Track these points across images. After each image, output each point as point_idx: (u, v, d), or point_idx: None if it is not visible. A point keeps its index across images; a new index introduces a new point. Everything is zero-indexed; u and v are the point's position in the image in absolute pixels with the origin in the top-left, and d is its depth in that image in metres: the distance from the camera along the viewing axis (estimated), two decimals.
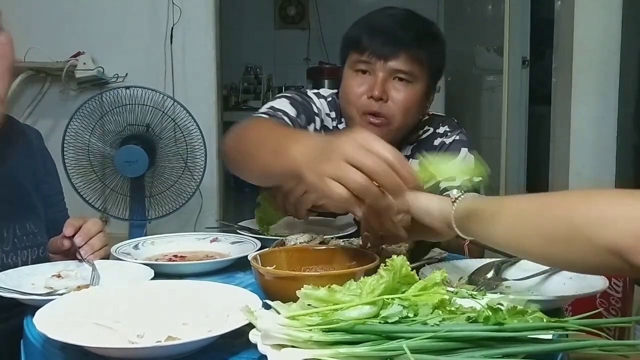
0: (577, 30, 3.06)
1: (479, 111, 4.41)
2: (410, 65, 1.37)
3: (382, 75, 1.37)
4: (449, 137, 1.51)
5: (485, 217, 0.82)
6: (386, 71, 1.37)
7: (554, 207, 0.75)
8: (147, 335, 0.77)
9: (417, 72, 1.38)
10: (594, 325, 0.70)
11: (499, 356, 0.65)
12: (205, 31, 3.37)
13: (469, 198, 0.88)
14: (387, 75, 1.37)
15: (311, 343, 0.66)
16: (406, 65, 1.37)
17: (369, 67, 1.38)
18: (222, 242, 1.24)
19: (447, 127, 1.53)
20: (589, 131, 3.08)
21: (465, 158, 1.50)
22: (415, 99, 1.40)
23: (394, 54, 1.36)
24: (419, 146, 1.52)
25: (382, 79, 1.36)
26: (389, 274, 0.71)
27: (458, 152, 1.50)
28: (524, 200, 0.82)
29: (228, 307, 0.80)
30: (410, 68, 1.37)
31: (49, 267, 1.06)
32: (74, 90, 3.33)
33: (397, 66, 1.37)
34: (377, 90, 1.35)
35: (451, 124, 1.55)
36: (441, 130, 1.52)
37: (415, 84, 1.39)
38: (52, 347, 0.78)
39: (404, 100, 1.38)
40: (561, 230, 0.71)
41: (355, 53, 1.39)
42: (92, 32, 3.30)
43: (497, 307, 0.68)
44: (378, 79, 1.36)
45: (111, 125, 2.91)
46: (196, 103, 3.19)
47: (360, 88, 1.38)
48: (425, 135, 1.53)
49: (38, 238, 1.19)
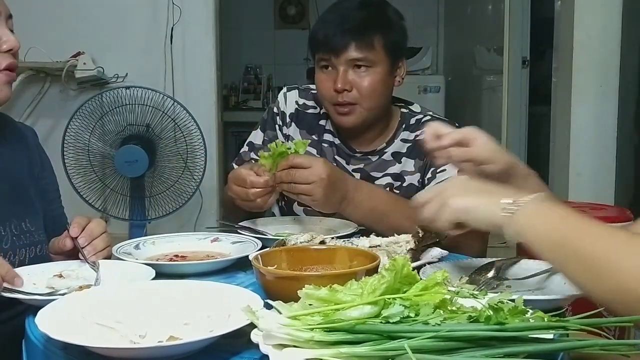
0: (577, 30, 3.06)
1: (479, 111, 4.41)
2: (363, 52, 1.45)
3: (341, 68, 1.46)
4: None
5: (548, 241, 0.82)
6: (343, 63, 1.46)
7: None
8: (149, 335, 0.77)
9: (372, 57, 1.46)
10: (595, 325, 0.70)
11: (500, 356, 0.65)
12: (205, 31, 3.37)
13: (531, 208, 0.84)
14: (346, 67, 1.46)
15: (313, 343, 0.66)
16: (359, 54, 1.45)
17: (329, 62, 1.48)
18: (222, 242, 1.24)
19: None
20: (589, 131, 3.08)
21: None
22: (379, 81, 1.47)
23: (344, 46, 1.45)
24: (416, 146, 1.53)
25: (342, 71, 1.46)
26: (390, 274, 0.71)
27: None
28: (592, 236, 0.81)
29: (229, 307, 0.80)
30: (364, 55, 1.46)
31: (50, 267, 1.06)
32: (73, 90, 3.33)
33: (351, 56, 1.45)
34: (339, 83, 1.45)
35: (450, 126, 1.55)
36: None
37: (375, 67, 1.47)
38: (53, 347, 0.78)
39: (367, 86, 1.46)
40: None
41: (316, 52, 1.51)
42: (92, 32, 3.30)
43: (498, 306, 0.68)
44: (339, 72, 1.46)
45: (111, 125, 2.90)
46: (196, 103, 3.19)
47: (327, 83, 1.49)
48: (422, 136, 1.53)
49: (35, 236, 1.19)
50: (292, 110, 1.61)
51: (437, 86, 4.72)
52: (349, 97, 1.46)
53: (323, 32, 1.48)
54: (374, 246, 1.09)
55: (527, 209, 0.83)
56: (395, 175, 1.54)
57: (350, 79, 1.46)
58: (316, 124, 1.59)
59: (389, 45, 1.48)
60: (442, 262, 1.07)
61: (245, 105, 5.33)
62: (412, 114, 1.58)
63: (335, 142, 1.58)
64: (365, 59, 1.45)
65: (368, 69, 1.46)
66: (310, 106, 1.61)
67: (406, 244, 1.08)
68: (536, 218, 0.83)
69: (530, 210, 0.83)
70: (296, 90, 1.63)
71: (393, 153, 1.55)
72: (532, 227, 0.82)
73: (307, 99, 1.61)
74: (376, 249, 1.06)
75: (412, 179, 1.53)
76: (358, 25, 1.45)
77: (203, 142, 2.92)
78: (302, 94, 1.62)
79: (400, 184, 1.54)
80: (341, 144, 1.57)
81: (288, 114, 1.61)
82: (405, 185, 1.54)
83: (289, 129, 1.60)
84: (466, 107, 4.75)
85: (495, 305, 0.68)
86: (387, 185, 1.53)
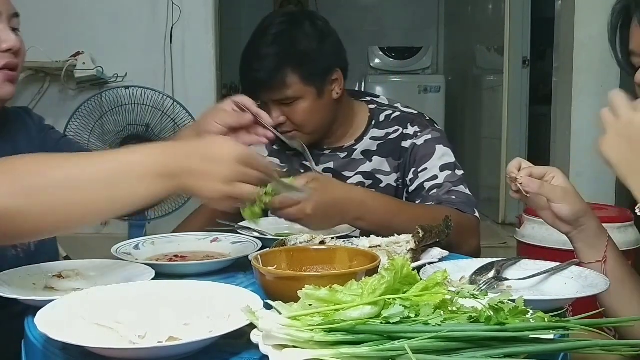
0: (578, 30, 3.06)
1: (480, 111, 4.41)
2: (280, 94, 1.44)
3: (270, 105, 1.46)
4: (419, 137, 1.52)
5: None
6: (270, 102, 1.46)
7: None
8: (148, 336, 0.77)
9: (290, 94, 1.45)
10: (596, 325, 0.70)
11: (500, 356, 0.65)
12: (205, 30, 3.37)
13: None
14: (273, 103, 1.46)
15: (313, 343, 0.66)
16: (277, 95, 1.44)
17: (257, 99, 1.42)
18: (222, 242, 1.24)
19: (417, 127, 1.53)
20: (589, 131, 3.07)
21: (444, 154, 1.49)
22: (308, 110, 1.47)
23: (262, 93, 1.45)
24: (388, 145, 1.53)
25: (272, 108, 1.45)
26: (391, 274, 0.71)
27: (433, 151, 1.50)
28: None
29: (229, 308, 0.80)
30: (283, 95, 1.44)
31: (49, 267, 1.06)
32: (73, 90, 3.32)
33: (272, 97, 1.45)
34: (273, 120, 1.40)
35: (421, 122, 1.55)
36: (411, 131, 1.53)
37: (299, 100, 1.45)
38: (53, 347, 0.78)
39: (298, 117, 1.46)
40: None
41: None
42: (92, 31, 3.30)
43: (498, 307, 0.68)
44: (270, 110, 1.44)
45: (110, 125, 2.90)
46: (196, 103, 3.18)
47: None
48: (394, 135, 1.53)
49: None
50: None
51: (438, 86, 4.72)
52: (288, 127, 1.47)
53: (241, 71, 1.49)
54: (374, 246, 1.09)
55: None
56: (367, 174, 1.54)
57: (281, 112, 1.46)
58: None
59: (306, 76, 1.45)
60: (442, 262, 1.07)
61: None
62: (380, 109, 1.57)
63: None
64: (285, 97, 1.45)
65: (294, 103, 1.45)
66: None
67: (406, 244, 1.07)
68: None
69: None
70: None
71: (363, 151, 1.54)
72: None
73: None
74: (376, 249, 1.05)
75: (389, 179, 1.53)
76: (266, 69, 1.43)
77: None
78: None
79: (373, 183, 1.54)
80: (308, 146, 1.53)
81: None
82: (383, 187, 1.53)
83: None
84: (466, 107, 4.75)
85: (496, 305, 0.68)
86: (358, 184, 1.53)
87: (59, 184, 0.84)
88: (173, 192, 0.89)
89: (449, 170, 1.48)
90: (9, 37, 1.15)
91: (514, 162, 1.09)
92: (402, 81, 4.86)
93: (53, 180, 0.84)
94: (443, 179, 1.47)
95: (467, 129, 4.73)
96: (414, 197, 1.50)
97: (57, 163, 0.88)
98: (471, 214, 1.42)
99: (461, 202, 1.43)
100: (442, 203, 1.43)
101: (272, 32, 1.46)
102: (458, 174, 1.49)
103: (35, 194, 0.83)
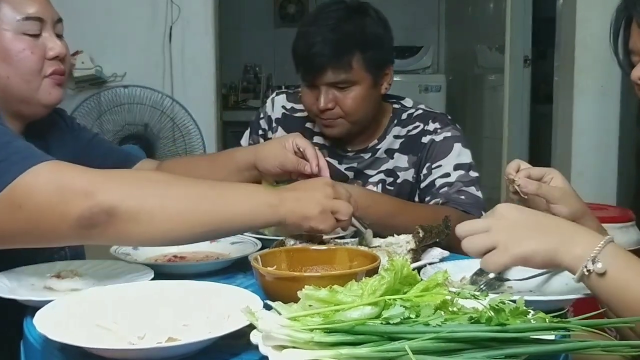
0: (579, 29, 3.05)
1: (481, 110, 4.41)
2: (340, 75, 1.43)
3: (323, 89, 1.45)
4: (438, 134, 1.52)
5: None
6: (323, 84, 1.44)
7: None
8: (148, 337, 0.77)
9: (351, 77, 1.44)
10: (597, 326, 0.70)
11: (501, 357, 0.65)
12: (205, 30, 3.36)
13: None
14: (327, 87, 1.45)
15: (312, 344, 0.65)
16: (336, 77, 1.43)
17: (311, 81, 1.46)
18: (222, 242, 1.23)
19: (438, 124, 1.54)
20: (590, 130, 3.07)
21: (460, 153, 1.50)
22: (361, 97, 1.46)
23: (321, 70, 1.43)
24: (409, 142, 1.53)
25: (323, 92, 1.45)
26: (391, 275, 0.71)
27: (450, 149, 1.50)
28: None
29: (229, 308, 0.80)
30: (342, 77, 1.43)
31: (47, 267, 1.06)
32: (72, 90, 3.31)
33: (329, 80, 1.44)
34: (321, 103, 1.45)
35: (443, 120, 1.55)
36: (431, 128, 1.53)
37: (357, 85, 1.45)
38: (51, 348, 0.77)
39: (350, 103, 1.45)
40: None
41: (297, 67, 1.49)
42: (91, 31, 3.29)
43: (499, 307, 0.68)
44: (321, 92, 1.45)
45: (109, 125, 2.90)
46: (195, 102, 3.18)
47: (310, 99, 1.48)
48: (415, 131, 1.54)
49: None
50: (278, 115, 1.61)
51: (438, 85, 4.71)
52: (333, 114, 1.47)
53: (301, 51, 1.46)
54: (374, 246, 1.09)
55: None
56: (388, 172, 1.54)
57: (333, 97, 1.45)
58: (304, 127, 1.58)
59: (369, 62, 1.45)
60: (442, 262, 1.07)
61: (244, 104, 5.32)
62: (404, 109, 1.58)
63: (326, 144, 1.57)
64: (344, 80, 1.43)
65: (349, 88, 1.44)
66: (299, 109, 1.60)
67: (406, 244, 1.07)
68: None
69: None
70: (284, 95, 1.63)
71: (386, 150, 1.55)
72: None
73: (296, 102, 1.60)
74: (376, 250, 1.05)
75: (406, 174, 1.53)
76: (334, 48, 1.42)
77: (202, 142, 2.92)
78: (291, 97, 1.62)
79: (393, 180, 1.54)
80: (332, 146, 1.57)
81: (274, 119, 1.61)
82: (399, 182, 1.53)
83: (275, 133, 1.60)
84: (467, 107, 4.75)
85: (497, 306, 0.68)
86: (379, 182, 1.53)
87: (192, 198, 0.92)
88: (279, 219, 0.97)
89: (463, 170, 1.48)
90: (55, 44, 1.16)
91: (512, 163, 1.09)
92: (402, 80, 4.84)
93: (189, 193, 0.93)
94: (455, 178, 1.47)
95: (468, 129, 4.72)
96: (424, 193, 1.50)
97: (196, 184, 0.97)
98: (477, 215, 1.42)
99: (469, 202, 1.43)
100: (449, 201, 1.43)
101: (335, 16, 1.45)
102: (472, 175, 1.48)
103: (169, 200, 0.89)
